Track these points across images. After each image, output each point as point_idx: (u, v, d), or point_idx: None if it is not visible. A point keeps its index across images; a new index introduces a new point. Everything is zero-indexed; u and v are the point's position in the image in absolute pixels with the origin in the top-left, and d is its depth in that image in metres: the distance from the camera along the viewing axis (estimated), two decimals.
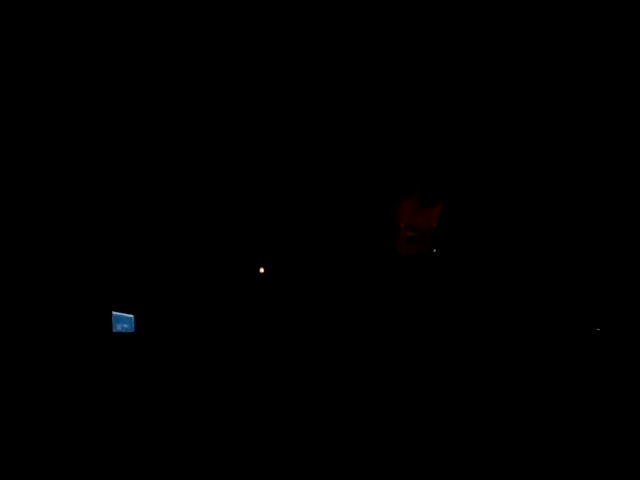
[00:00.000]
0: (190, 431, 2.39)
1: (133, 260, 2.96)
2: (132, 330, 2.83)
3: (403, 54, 2.69)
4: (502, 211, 2.76)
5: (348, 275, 2.89)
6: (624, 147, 2.63)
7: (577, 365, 2.46)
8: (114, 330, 2.82)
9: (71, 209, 2.90)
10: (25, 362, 2.64)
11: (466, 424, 2.10)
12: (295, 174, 2.92)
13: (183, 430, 2.39)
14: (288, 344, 2.80)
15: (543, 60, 2.63)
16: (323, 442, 1.99)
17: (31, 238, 2.88)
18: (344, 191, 2.89)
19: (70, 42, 2.72)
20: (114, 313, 2.84)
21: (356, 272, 2.88)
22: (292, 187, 2.93)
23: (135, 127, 2.88)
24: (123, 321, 2.83)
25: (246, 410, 2.49)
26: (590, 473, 1.78)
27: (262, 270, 2.81)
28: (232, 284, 2.97)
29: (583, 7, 2.48)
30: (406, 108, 2.75)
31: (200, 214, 2.94)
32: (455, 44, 2.64)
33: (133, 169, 2.93)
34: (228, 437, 2.36)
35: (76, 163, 2.88)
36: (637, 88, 2.54)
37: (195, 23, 2.72)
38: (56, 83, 2.79)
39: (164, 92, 2.85)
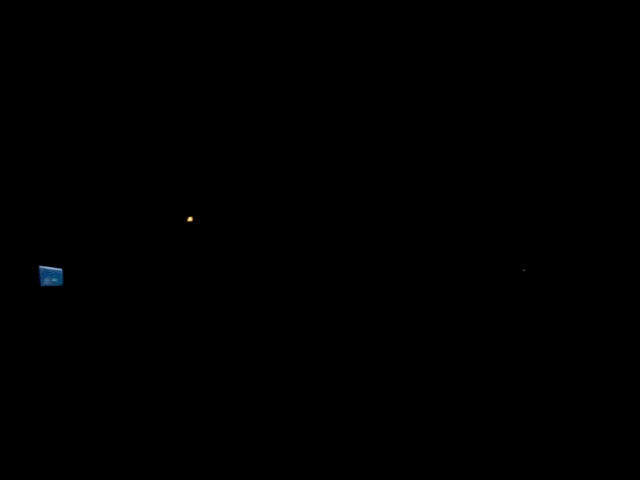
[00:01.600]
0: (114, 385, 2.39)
1: (62, 212, 2.92)
2: (60, 284, 2.80)
3: (403, 54, 2.64)
4: (502, 211, 2.75)
5: (347, 274, 2.90)
6: (624, 147, 2.62)
7: (577, 364, 2.51)
8: (42, 284, 2.79)
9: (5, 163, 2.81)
10: None
11: (465, 422, 2.11)
12: (295, 174, 2.89)
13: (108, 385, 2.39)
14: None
15: (543, 60, 2.59)
16: (318, 440, 1.97)
17: None
18: (343, 191, 2.88)
19: (70, 42, 2.62)
20: (41, 267, 2.80)
21: (355, 272, 2.90)
22: (291, 187, 2.90)
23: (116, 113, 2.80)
24: (51, 275, 2.81)
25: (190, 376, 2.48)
26: (590, 473, 1.81)
27: (190, 219, 2.83)
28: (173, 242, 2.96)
29: (583, 7, 2.43)
30: (406, 108, 2.72)
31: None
32: (455, 44, 2.59)
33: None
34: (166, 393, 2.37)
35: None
36: (637, 88, 2.53)
37: (195, 23, 2.65)
38: (56, 83, 2.69)
39: (164, 92, 2.77)
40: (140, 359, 2.67)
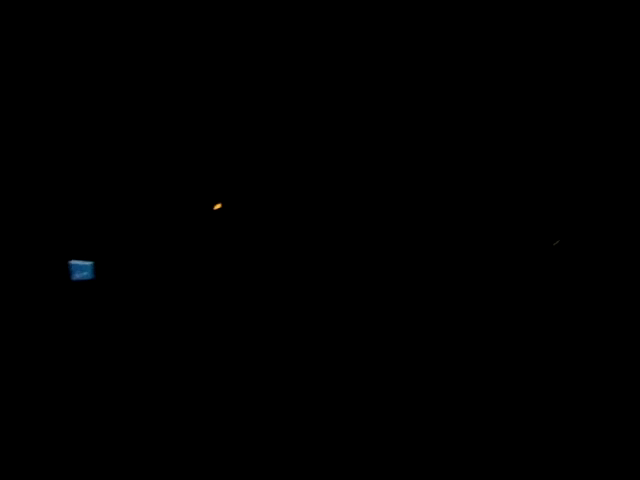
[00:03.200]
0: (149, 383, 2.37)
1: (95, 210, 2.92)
2: (91, 277, 2.78)
3: (403, 54, 2.65)
4: (502, 211, 2.73)
5: (345, 274, 2.87)
6: (624, 147, 2.61)
7: (576, 364, 2.47)
8: (73, 279, 2.78)
9: (29, 161, 2.84)
10: None
11: (464, 421, 2.10)
12: (295, 174, 2.90)
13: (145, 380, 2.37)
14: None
15: (543, 60, 2.60)
16: (313, 438, 1.96)
17: None
18: (342, 191, 2.88)
19: (70, 42, 2.68)
20: (72, 262, 2.79)
21: (353, 271, 2.87)
22: (290, 186, 2.91)
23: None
24: (82, 269, 2.79)
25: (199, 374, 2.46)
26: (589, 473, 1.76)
27: (218, 206, 2.79)
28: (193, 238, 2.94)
29: (583, 7, 2.44)
30: (405, 108, 2.72)
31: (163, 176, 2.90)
32: (455, 44, 2.60)
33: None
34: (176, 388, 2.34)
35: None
36: (637, 88, 2.51)
37: (195, 23, 2.68)
38: (56, 83, 2.76)
39: (164, 92, 2.81)
40: (166, 354, 2.63)
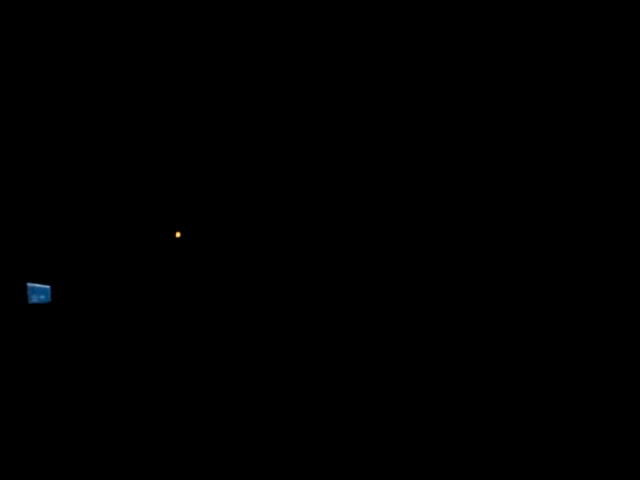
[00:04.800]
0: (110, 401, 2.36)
1: (49, 230, 2.85)
2: (48, 301, 2.74)
3: (403, 54, 2.65)
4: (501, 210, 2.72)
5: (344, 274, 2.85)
6: (624, 147, 2.60)
7: (575, 364, 2.47)
8: (30, 302, 2.73)
9: None
10: None
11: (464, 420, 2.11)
12: (295, 175, 2.85)
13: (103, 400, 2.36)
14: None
15: (543, 60, 2.60)
16: (312, 440, 1.99)
17: None
18: (341, 190, 2.83)
19: (70, 42, 2.63)
20: (29, 284, 2.74)
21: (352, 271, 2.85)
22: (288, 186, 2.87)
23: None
24: (39, 292, 2.74)
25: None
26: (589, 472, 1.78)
27: (178, 235, 2.72)
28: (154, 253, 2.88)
29: (583, 7, 2.44)
30: (405, 108, 2.71)
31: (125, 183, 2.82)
32: (455, 44, 2.60)
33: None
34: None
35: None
36: (637, 88, 2.51)
37: (195, 23, 2.60)
38: (56, 83, 2.69)
39: (164, 91, 2.74)
40: (132, 373, 2.62)
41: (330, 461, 1.79)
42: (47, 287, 2.75)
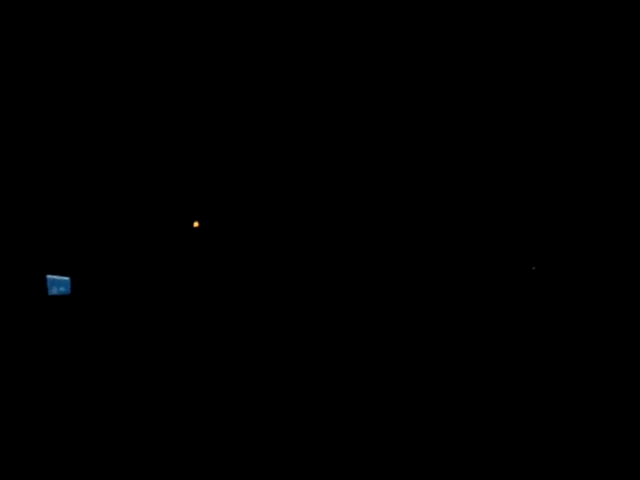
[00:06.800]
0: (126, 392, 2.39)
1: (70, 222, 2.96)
2: (68, 293, 2.82)
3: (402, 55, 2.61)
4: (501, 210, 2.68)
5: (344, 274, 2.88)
6: (624, 147, 2.57)
7: (575, 363, 2.47)
8: (50, 293, 2.81)
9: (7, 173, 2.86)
10: None
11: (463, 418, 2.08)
12: (296, 176, 2.93)
13: (120, 391, 2.38)
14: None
15: (543, 60, 2.53)
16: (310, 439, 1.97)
17: None
18: (341, 191, 2.87)
19: (70, 42, 2.63)
20: (49, 276, 2.82)
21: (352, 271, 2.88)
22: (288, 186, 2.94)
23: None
24: (59, 284, 2.83)
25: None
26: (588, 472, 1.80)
27: (196, 224, 2.88)
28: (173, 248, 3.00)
29: (583, 7, 2.35)
30: (405, 108, 2.68)
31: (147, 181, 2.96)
32: (456, 45, 2.55)
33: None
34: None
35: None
36: (637, 88, 2.44)
37: (195, 23, 2.64)
38: (56, 83, 2.72)
39: (164, 91, 2.84)
40: (145, 363, 2.67)
41: (330, 460, 1.76)
42: (67, 279, 2.84)
